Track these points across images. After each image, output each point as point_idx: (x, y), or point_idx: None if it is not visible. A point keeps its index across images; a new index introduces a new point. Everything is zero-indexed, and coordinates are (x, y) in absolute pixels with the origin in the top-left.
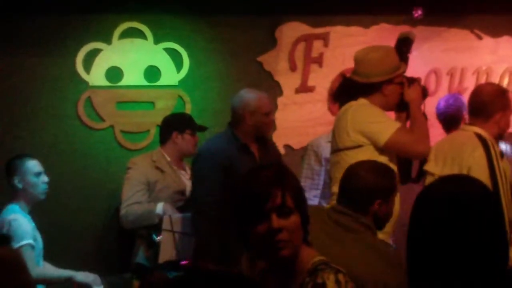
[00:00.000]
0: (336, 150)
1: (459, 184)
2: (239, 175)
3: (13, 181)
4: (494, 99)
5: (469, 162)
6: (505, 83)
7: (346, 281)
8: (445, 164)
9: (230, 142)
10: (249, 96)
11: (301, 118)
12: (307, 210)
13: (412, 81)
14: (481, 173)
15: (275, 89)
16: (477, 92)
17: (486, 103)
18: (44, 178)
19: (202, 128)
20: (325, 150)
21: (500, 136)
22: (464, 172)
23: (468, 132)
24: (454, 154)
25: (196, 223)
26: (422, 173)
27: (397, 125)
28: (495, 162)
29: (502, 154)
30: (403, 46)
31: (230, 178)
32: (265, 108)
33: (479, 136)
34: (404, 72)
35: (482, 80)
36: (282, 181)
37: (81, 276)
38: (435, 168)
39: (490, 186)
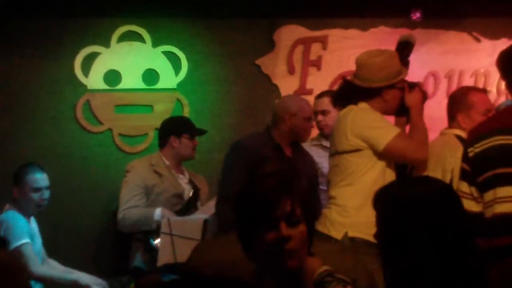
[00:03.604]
0: (334, 153)
1: (416, 184)
2: None
3: (14, 189)
4: (454, 101)
5: (452, 163)
6: (503, 86)
7: None
8: (428, 169)
9: (264, 141)
10: (292, 99)
11: None
12: (314, 219)
13: (413, 86)
14: None
15: (273, 92)
16: (449, 96)
17: (450, 106)
18: (44, 195)
19: (201, 132)
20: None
21: None
22: (448, 173)
23: (448, 135)
24: (436, 157)
25: (220, 211)
26: None
27: (397, 130)
28: None
29: None
30: (404, 50)
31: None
32: (306, 113)
33: (459, 138)
34: (405, 76)
35: (480, 83)
36: (291, 189)
37: (86, 279)
38: (422, 173)
39: None
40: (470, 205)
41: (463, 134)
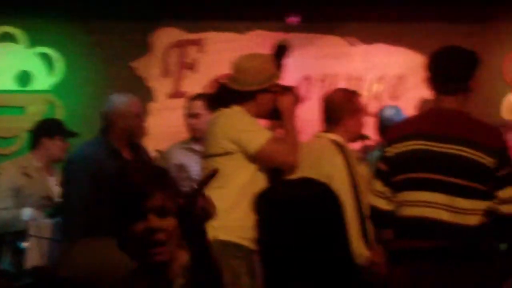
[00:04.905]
0: (207, 156)
1: (299, 187)
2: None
3: None
4: (341, 104)
5: (329, 170)
6: (376, 89)
7: None
8: (302, 172)
9: (101, 148)
10: (119, 99)
11: (173, 123)
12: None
13: (286, 89)
14: (341, 179)
15: (148, 95)
16: (326, 99)
17: (334, 109)
18: None
19: (72, 134)
20: (176, 156)
21: (354, 139)
22: (323, 178)
23: (323, 139)
24: (311, 162)
25: (64, 229)
26: None
27: (269, 134)
28: (353, 167)
29: (359, 159)
30: (279, 54)
31: (100, 184)
32: (135, 110)
33: (335, 143)
34: (279, 80)
35: (353, 87)
36: (163, 182)
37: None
38: (292, 176)
39: (351, 192)
40: (382, 203)
41: (339, 139)
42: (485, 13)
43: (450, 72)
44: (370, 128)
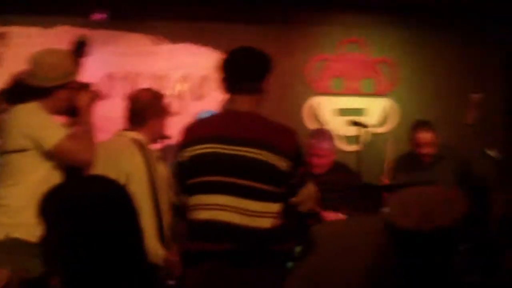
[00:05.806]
0: (3, 152)
1: (86, 185)
2: None
3: None
4: (148, 105)
5: (127, 168)
6: (180, 88)
7: None
8: (101, 170)
9: None
10: None
11: None
12: None
13: (84, 86)
14: (140, 178)
15: None
16: (132, 98)
17: (139, 109)
18: None
19: None
20: None
21: (156, 140)
22: (122, 177)
23: (124, 137)
24: (111, 160)
25: None
26: None
27: (65, 131)
28: (153, 167)
29: (159, 158)
30: (79, 50)
31: None
32: None
33: (136, 142)
34: (77, 77)
35: (157, 86)
36: None
37: None
38: (89, 174)
39: (149, 191)
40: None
41: (141, 138)
42: (290, 17)
43: (242, 72)
44: (172, 128)
